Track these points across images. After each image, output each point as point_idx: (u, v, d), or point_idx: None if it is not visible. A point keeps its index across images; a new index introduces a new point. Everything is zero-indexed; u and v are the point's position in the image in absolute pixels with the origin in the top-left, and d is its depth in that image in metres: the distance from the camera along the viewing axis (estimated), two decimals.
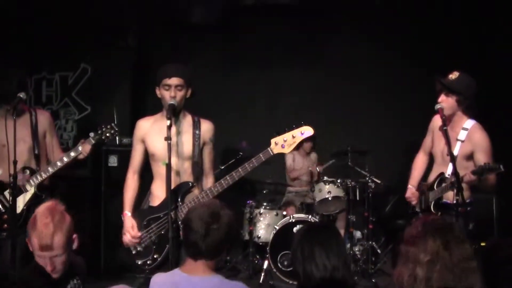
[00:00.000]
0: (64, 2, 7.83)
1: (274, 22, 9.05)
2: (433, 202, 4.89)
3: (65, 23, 8.03)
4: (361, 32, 8.99)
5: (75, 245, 3.29)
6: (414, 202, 5.13)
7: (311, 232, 3.01)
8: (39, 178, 5.09)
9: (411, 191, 5.19)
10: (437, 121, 5.10)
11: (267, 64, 9.16)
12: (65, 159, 5.09)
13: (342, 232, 7.39)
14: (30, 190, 5.08)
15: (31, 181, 5.08)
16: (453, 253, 2.40)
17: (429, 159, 5.32)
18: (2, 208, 5.04)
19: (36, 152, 5.24)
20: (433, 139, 5.14)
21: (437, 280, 2.38)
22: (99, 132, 5.02)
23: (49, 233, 3.07)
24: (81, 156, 5.14)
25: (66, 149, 5.32)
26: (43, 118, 5.37)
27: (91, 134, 5.04)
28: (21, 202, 5.01)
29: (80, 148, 5.08)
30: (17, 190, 4.87)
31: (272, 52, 9.18)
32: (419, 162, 5.34)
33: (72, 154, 5.10)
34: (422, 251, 2.43)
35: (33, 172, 5.12)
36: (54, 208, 3.19)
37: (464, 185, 4.56)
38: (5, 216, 4.99)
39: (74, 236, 3.26)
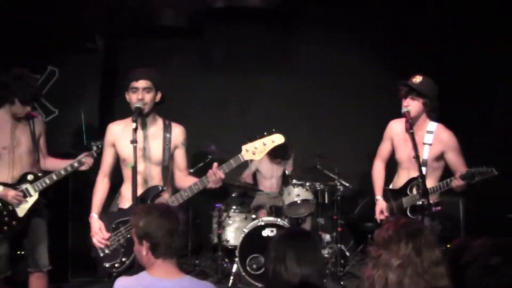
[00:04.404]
0: (31, 3, 7.73)
1: (244, 26, 9.06)
2: (408, 208, 4.92)
3: (32, 24, 7.93)
4: (330, 37, 9.04)
5: None
6: (381, 219, 5.09)
7: (289, 236, 3.02)
8: (43, 185, 5.16)
9: (381, 206, 5.13)
10: (395, 127, 5.14)
11: (237, 69, 9.15)
12: (69, 169, 5.16)
13: None
14: (34, 196, 5.14)
15: (35, 186, 5.14)
16: (424, 258, 2.43)
17: (387, 166, 5.35)
18: (4, 211, 5.07)
19: (36, 157, 5.32)
20: (394, 145, 5.15)
21: (408, 284, 2.40)
22: (99, 146, 5.01)
23: None
24: (83, 168, 5.20)
25: None
26: (39, 122, 5.42)
27: (94, 148, 5.08)
28: (24, 207, 5.11)
29: (83, 160, 5.14)
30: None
31: (243, 57, 9.17)
32: (379, 170, 5.32)
33: (76, 165, 5.17)
34: (394, 255, 2.44)
35: (37, 178, 5.18)
36: None
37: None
38: (14, 223, 5.10)
39: None
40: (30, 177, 5.18)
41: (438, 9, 8.26)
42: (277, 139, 4.23)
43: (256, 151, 4.21)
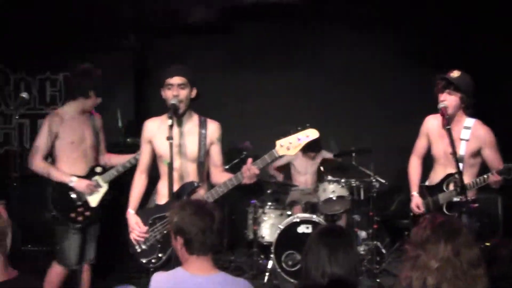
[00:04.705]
0: (66, 2, 7.84)
1: (274, 22, 9.03)
2: (445, 204, 4.88)
3: (69, 23, 8.04)
4: (362, 33, 8.97)
5: None
6: (417, 213, 5.06)
7: (323, 233, 3.00)
8: (111, 176, 5.41)
9: (416, 202, 5.11)
10: (431, 122, 5.09)
11: (268, 64, 9.13)
12: (133, 161, 5.38)
13: None
14: (104, 186, 5.39)
15: (104, 177, 5.41)
16: (463, 259, 2.40)
17: (423, 162, 5.32)
18: (78, 202, 5.28)
19: (98, 152, 5.59)
20: (431, 140, 5.10)
21: (447, 287, 2.38)
22: None
23: None
24: None
25: None
26: (98, 119, 5.63)
27: None
28: (96, 197, 5.35)
29: None
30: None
31: (273, 52, 9.15)
32: (415, 167, 5.29)
33: (138, 157, 5.31)
34: (432, 257, 2.42)
35: (105, 169, 5.45)
36: None
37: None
38: (88, 213, 5.31)
39: None
40: (98, 169, 5.42)
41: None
42: (312, 133, 4.20)
43: (290, 146, 4.19)
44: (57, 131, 5.20)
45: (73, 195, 5.24)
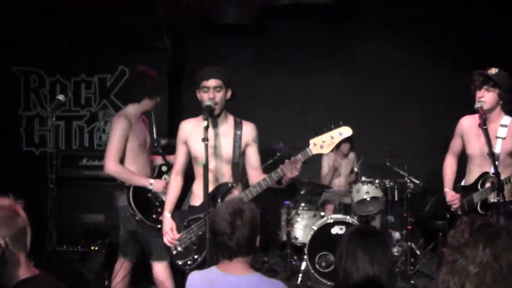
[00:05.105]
0: (100, 5, 7.92)
1: (308, 23, 9.03)
2: (479, 203, 4.82)
3: (103, 26, 8.12)
4: (396, 33, 8.94)
5: None
6: (456, 206, 5.02)
7: (359, 234, 2.97)
8: None
9: (451, 194, 5.07)
10: (466, 123, 5.03)
11: (301, 65, 9.14)
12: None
13: None
14: None
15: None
16: (503, 264, 2.35)
17: (458, 161, 5.27)
18: (156, 202, 5.31)
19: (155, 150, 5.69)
20: (465, 140, 5.04)
21: None
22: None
23: None
24: None
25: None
26: (145, 122, 5.66)
27: None
28: None
29: None
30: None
31: (307, 53, 9.16)
32: (450, 165, 5.25)
33: None
34: (471, 262, 2.37)
35: (169, 168, 5.46)
36: None
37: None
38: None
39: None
40: (164, 168, 5.50)
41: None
42: (345, 131, 4.17)
43: (324, 144, 4.16)
44: (127, 134, 5.19)
45: (152, 197, 5.27)
